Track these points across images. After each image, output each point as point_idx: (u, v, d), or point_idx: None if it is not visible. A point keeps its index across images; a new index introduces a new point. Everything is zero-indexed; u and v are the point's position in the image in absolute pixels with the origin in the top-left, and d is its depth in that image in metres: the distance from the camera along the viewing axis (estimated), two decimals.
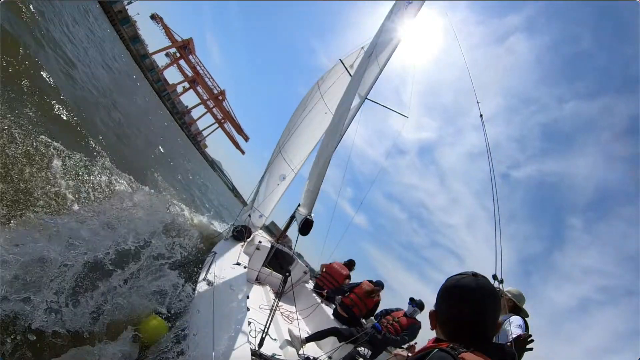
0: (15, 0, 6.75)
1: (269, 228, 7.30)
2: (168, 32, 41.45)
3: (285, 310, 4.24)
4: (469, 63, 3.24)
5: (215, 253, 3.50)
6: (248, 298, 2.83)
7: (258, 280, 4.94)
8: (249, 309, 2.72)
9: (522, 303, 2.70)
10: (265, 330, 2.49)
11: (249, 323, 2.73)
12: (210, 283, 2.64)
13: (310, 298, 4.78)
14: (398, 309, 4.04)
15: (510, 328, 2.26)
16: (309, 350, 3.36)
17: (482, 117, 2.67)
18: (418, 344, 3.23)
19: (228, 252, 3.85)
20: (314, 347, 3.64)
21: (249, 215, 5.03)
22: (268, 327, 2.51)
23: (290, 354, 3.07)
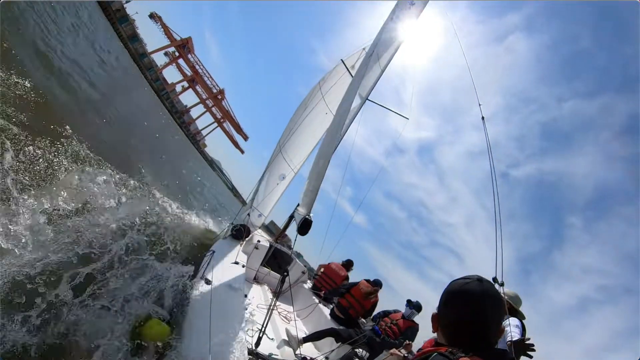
0: (16, 0, 6.69)
1: (268, 227, 7.29)
2: (167, 31, 41.38)
3: (283, 310, 4.23)
4: (469, 62, 3.20)
5: (214, 252, 3.48)
6: (246, 297, 2.82)
7: (256, 280, 4.93)
8: (247, 308, 2.71)
9: (518, 305, 2.69)
10: (263, 330, 2.49)
11: (246, 322, 2.72)
12: (208, 282, 2.62)
13: (308, 298, 4.77)
14: (396, 311, 4.02)
15: (509, 328, 2.25)
16: (306, 351, 3.35)
17: (483, 119, 2.63)
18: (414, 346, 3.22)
19: (226, 250, 3.83)
20: (311, 347, 3.63)
21: (248, 215, 5.03)
22: (265, 326, 2.50)
23: (288, 354, 3.06)
